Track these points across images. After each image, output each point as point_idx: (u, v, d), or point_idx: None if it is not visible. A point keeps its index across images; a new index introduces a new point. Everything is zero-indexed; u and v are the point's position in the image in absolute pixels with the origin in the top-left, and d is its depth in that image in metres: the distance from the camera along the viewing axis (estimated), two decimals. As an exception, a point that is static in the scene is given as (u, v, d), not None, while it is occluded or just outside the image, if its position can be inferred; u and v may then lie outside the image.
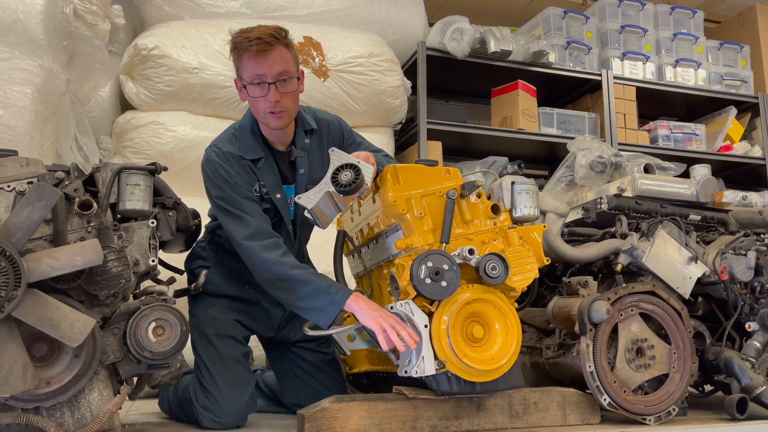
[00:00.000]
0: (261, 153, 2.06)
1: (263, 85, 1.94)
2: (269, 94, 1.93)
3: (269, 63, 1.92)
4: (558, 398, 1.96)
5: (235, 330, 2.13)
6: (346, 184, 1.82)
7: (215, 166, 2.00)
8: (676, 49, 4.87)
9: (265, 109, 1.97)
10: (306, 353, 2.25)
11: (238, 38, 1.94)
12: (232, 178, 1.99)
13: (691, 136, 4.77)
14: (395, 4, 4.08)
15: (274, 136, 2.08)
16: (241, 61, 1.96)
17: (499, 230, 1.92)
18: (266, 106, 1.96)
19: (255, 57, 1.92)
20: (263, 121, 2.03)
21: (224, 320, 2.12)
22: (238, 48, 1.95)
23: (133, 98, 3.44)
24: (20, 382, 1.47)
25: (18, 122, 2.67)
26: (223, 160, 2.01)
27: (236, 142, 2.06)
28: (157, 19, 3.62)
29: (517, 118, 4.25)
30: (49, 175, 1.68)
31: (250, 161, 2.05)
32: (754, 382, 2.12)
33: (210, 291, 2.16)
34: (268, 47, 1.92)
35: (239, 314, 2.16)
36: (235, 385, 2.04)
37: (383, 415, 1.80)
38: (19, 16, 2.78)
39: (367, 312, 1.78)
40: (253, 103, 2.00)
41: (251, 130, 2.08)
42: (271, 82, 1.93)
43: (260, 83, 1.94)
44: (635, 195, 2.44)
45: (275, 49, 1.93)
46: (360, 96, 3.69)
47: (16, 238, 1.51)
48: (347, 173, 1.83)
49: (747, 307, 2.26)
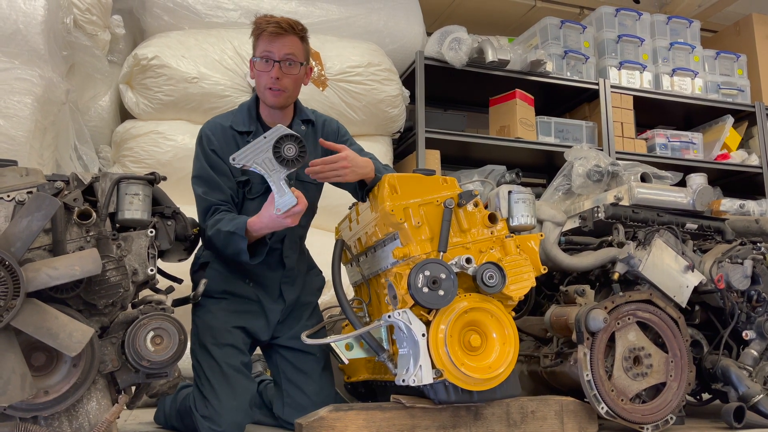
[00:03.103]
0: (252, 127, 2.19)
1: (269, 62, 2.10)
2: (272, 70, 2.09)
3: (279, 44, 2.10)
4: (556, 407, 1.96)
5: (234, 338, 2.12)
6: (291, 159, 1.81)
7: (201, 133, 2.18)
8: (672, 58, 4.89)
9: (266, 84, 2.11)
10: (291, 355, 2.21)
11: (260, 20, 2.13)
12: (211, 144, 2.15)
13: (688, 145, 4.78)
14: (393, 15, 4.11)
15: (272, 116, 2.20)
16: (257, 41, 2.14)
17: (496, 239, 1.93)
18: (267, 81, 2.11)
19: (269, 36, 2.10)
20: (262, 97, 2.17)
21: (223, 329, 2.12)
22: (257, 28, 2.13)
23: (133, 107, 3.46)
24: (18, 392, 1.48)
25: (18, 132, 2.68)
26: (211, 128, 2.19)
27: (232, 117, 2.23)
28: (157, 29, 3.64)
29: (515, 127, 4.27)
30: (48, 184, 1.69)
31: (239, 133, 2.17)
32: (752, 391, 2.12)
33: (210, 292, 2.15)
34: (283, 32, 2.10)
35: (238, 318, 2.14)
36: (233, 395, 2.04)
37: (381, 424, 1.80)
38: (20, 26, 2.80)
39: (260, 222, 1.93)
40: (257, 78, 2.14)
41: (248, 108, 2.23)
42: (276, 60, 2.09)
43: (267, 60, 2.10)
44: (632, 204, 2.44)
45: (289, 35, 2.11)
46: (358, 105, 3.72)
47: (16, 248, 1.51)
48: (290, 146, 1.82)
49: (744, 316, 2.26)
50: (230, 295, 2.17)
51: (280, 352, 2.23)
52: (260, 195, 2.15)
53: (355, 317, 1.97)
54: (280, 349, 2.23)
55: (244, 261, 2.02)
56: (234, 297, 2.17)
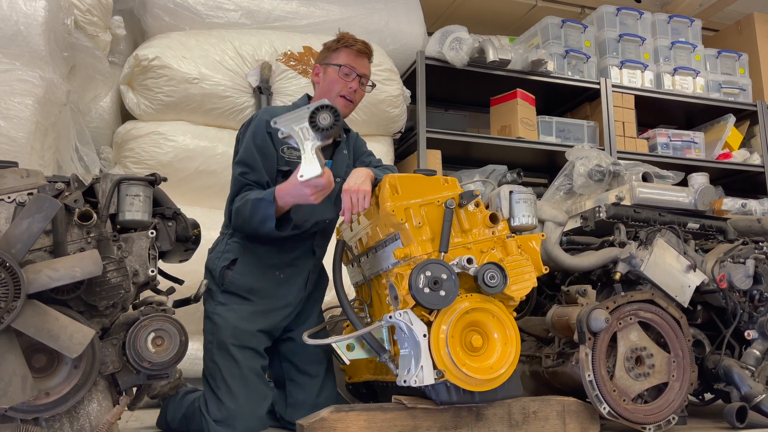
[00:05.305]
0: None
1: (351, 74, 2.26)
2: (353, 82, 2.26)
3: (363, 63, 2.30)
4: (557, 407, 1.96)
5: (256, 341, 2.10)
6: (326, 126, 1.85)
7: (260, 116, 2.23)
8: (674, 57, 4.88)
9: (341, 92, 2.24)
10: (294, 355, 2.21)
11: (346, 36, 2.32)
12: (269, 128, 2.12)
13: (690, 144, 4.77)
14: (394, 15, 4.11)
15: None
16: (338, 52, 2.28)
17: (497, 239, 1.93)
18: (343, 90, 2.24)
19: (356, 53, 2.28)
20: (331, 102, 2.13)
21: (246, 330, 2.08)
22: (342, 41, 2.29)
23: (134, 108, 3.46)
24: (19, 393, 1.48)
25: (19, 133, 2.68)
26: (271, 114, 2.15)
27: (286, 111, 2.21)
28: (158, 30, 3.64)
29: (516, 127, 4.26)
30: (49, 186, 1.69)
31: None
32: (754, 391, 2.12)
33: (235, 289, 2.12)
34: (367, 55, 2.32)
35: (264, 319, 2.12)
36: (252, 399, 2.01)
37: (382, 425, 1.80)
38: (20, 27, 2.80)
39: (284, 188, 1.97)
40: (333, 83, 2.25)
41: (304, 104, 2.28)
42: (359, 74, 2.27)
43: (349, 72, 2.26)
44: (634, 203, 2.44)
45: (368, 58, 2.34)
46: (359, 105, 3.69)
47: (16, 249, 1.51)
48: (325, 115, 1.86)
49: (746, 316, 2.26)
50: (256, 296, 2.13)
51: (285, 350, 2.23)
52: None
53: (356, 318, 1.97)
54: (285, 346, 2.23)
55: (269, 229, 2.02)
56: (260, 297, 2.13)
